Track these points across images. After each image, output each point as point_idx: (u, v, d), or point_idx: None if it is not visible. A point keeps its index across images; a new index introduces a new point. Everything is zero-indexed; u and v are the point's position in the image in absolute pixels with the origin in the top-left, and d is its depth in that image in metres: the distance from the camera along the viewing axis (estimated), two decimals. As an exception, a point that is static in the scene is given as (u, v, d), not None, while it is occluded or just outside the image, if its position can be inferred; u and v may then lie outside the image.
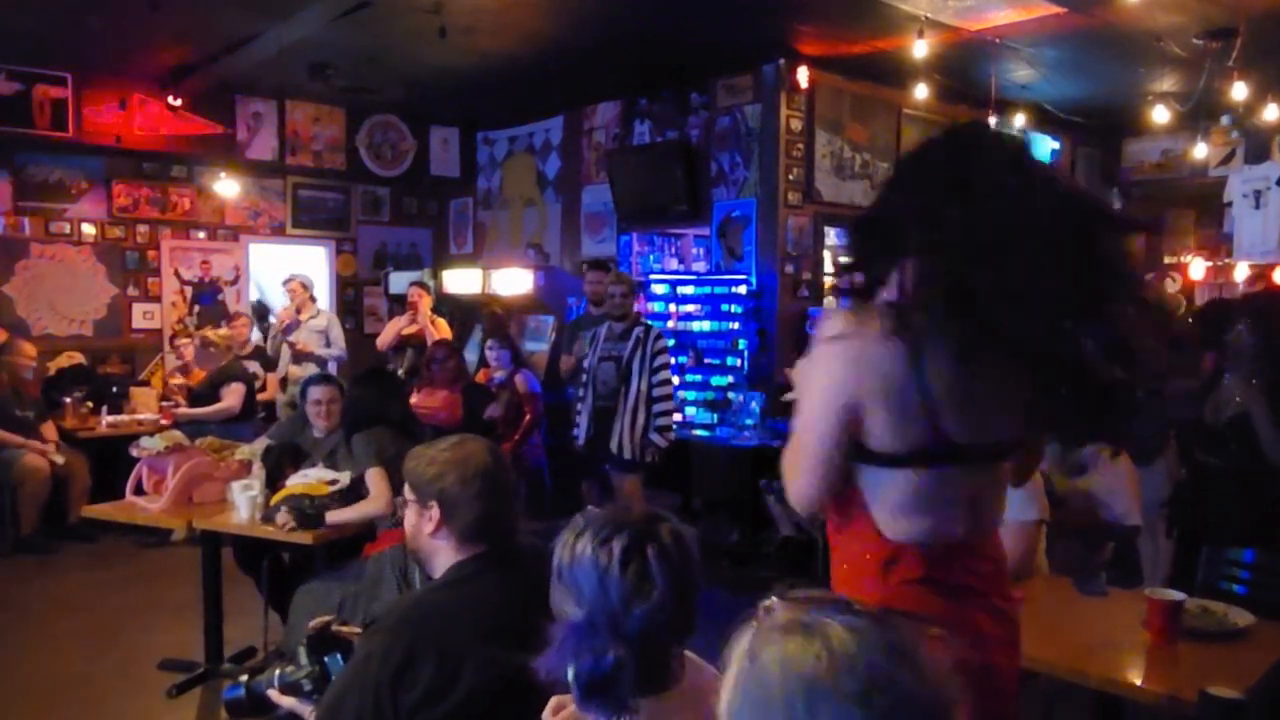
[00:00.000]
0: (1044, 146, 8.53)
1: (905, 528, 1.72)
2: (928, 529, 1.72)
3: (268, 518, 3.86)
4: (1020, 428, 1.78)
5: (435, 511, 2.03)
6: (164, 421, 6.49)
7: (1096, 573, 3.20)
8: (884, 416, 1.67)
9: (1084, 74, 7.24)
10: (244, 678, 2.16)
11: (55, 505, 6.48)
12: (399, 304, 8.27)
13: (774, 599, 1.05)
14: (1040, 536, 3.22)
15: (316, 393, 4.39)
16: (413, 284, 7.86)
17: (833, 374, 1.70)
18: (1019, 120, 7.91)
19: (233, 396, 6.51)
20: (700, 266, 8.27)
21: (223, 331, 7.11)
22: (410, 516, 2.09)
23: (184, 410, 6.64)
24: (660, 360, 5.54)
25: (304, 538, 3.78)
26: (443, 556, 2.06)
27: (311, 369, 6.98)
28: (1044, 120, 8.31)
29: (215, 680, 4.06)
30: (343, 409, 4.29)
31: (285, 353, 7.63)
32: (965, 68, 6.90)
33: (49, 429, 6.68)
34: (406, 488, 2.10)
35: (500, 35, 6.47)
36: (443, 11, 5.71)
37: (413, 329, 7.48)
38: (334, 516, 3.81)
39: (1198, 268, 9.20)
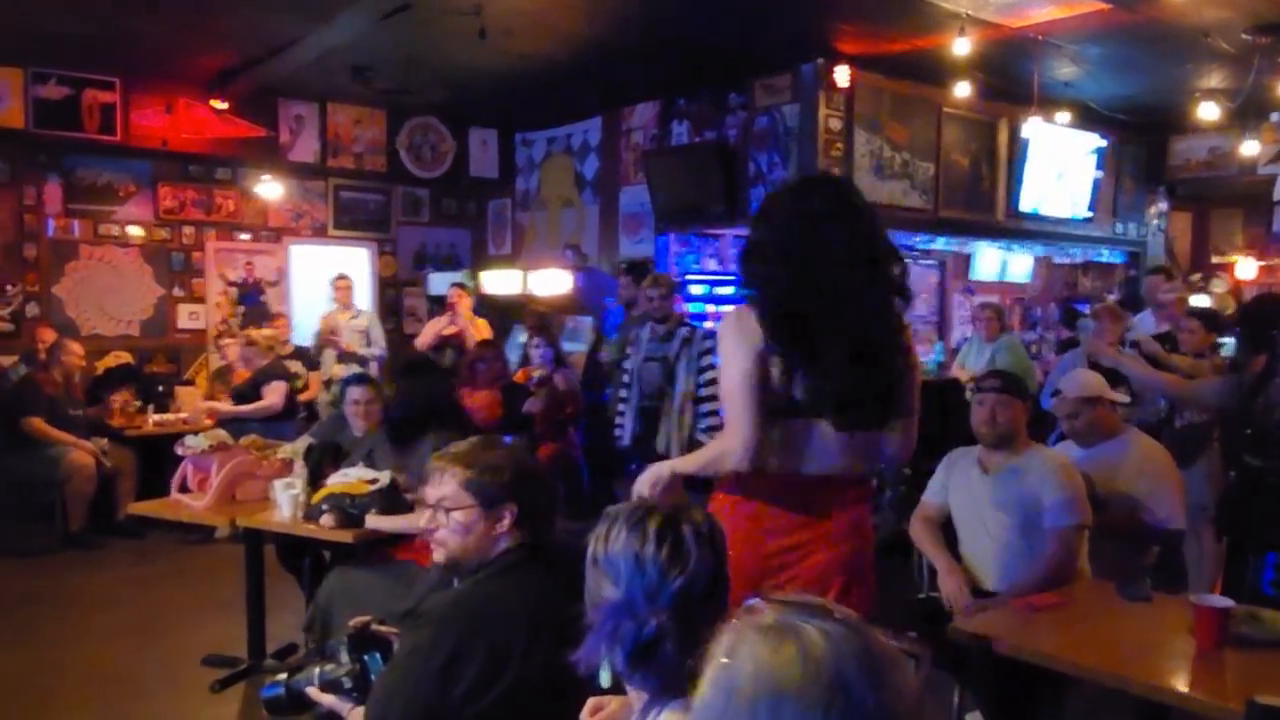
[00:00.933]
0: (1088, 144, 8.42)
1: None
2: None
3: (310, 516, 3.90)
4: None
5: (512, 510, 2.05)
6: (208, 420, 6.60)
7: (1140, 577, 3.15)
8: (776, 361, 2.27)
9: (1129, 71, 7.12)
10: (282, 676, 2.17)
11: (104, 502, 6.60)
12: (439, 305, 8.33)
13: (759, 599, 1.04)
14: (1082, 541, 3.18)
15: (355, 393, 4.45)
16: (453, 285, 7.92)
17: (740, 332, 2.32)
18: (1062, 118, 7.79)
19: (274, 394, 6.64)
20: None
21: (266, 331, 7.22)
22: (467, 526, 2.05)
23: (226, 407, 6.75)
24: (707, 361, 5.53)
25: (344, 536, 3.82)
26: (496, 552, 2.08)
27: (355, 368, 7.06)
28: (1088, 118, 8.19)
29: (258, 676, 4.10)
30: (394, 402, 4.30)
31: (329, 354, 7.72)
32: (1007, 65, 6.82)
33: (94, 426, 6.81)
34: (462, 498, 2.06)
35: (539, 37, 6.49)
36: (482, 14, 5.73)
37: (452, 330, 7.53)
38: (374, 522, 3.82)
39: (1247, 267, 9.04)
